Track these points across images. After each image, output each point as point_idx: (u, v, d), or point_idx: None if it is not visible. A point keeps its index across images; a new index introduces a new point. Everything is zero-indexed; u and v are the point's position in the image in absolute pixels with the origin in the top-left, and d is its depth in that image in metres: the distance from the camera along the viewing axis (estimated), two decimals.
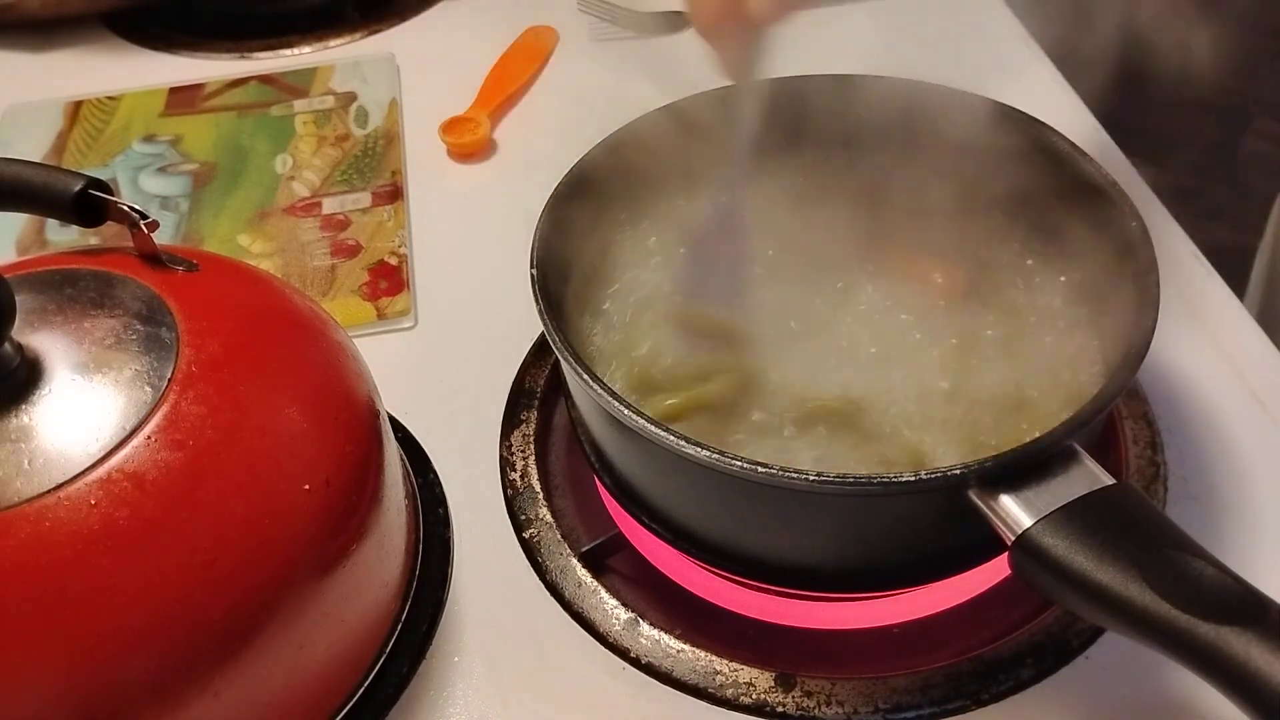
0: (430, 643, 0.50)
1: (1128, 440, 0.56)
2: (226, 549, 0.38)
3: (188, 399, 0.40)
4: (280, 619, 0.40)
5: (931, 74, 0.57)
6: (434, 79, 0.84)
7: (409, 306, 0.66)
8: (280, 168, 0.77)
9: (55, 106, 0.84)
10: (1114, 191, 0.50)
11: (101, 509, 0.37)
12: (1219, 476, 0.54)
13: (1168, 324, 0.45)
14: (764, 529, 0.46)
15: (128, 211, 0.44)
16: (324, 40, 0.89)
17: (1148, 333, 0.44)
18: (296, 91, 0.84)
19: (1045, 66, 0.79)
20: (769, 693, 0.47)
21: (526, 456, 0.57)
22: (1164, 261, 0.47)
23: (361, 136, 0.79)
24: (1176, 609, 0.35)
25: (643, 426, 0.43)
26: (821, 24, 0.86)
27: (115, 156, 0.79)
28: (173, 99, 0.84)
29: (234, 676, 0.39)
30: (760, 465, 0.41)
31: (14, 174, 0.45)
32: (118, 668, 0.37)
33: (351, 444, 0.44)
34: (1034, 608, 0.50)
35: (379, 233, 0.71)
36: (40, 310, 0.42)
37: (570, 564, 0.52)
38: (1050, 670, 0.48)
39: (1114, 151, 0.70)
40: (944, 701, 0.47)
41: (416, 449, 0.58)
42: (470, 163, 0.77)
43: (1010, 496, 0.40)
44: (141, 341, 0.41)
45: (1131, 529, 0.38)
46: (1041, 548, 0.38)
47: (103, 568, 0.36)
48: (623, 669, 0.49)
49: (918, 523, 0.44)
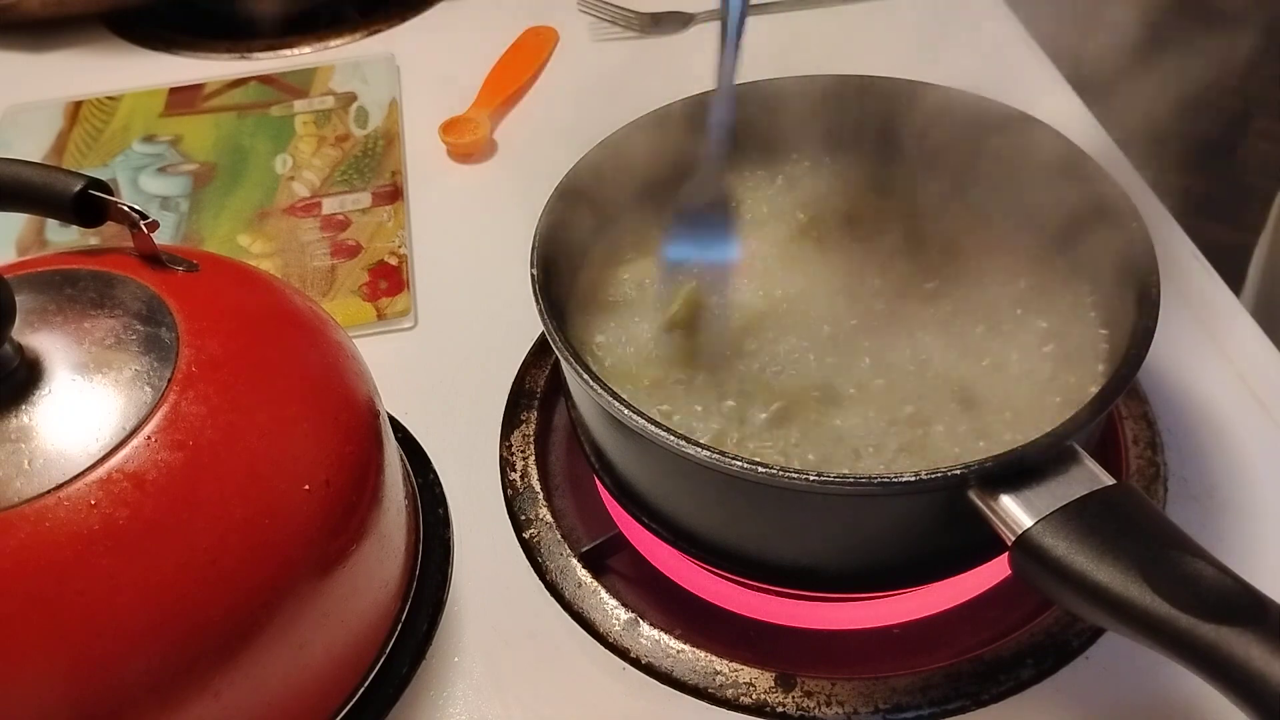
0: (430, 643, 0.50)
1: (1128, 440, 0.56)
2: (226, 549, 0.38)
3: (188, 399, 0.40)
4: (280, 619, 0.40)
5: (931, 74, 0.57)
6: (434, 79, 0.84)
7: (409, 307, 0.66)
8: (280, 168, 0.77)
9: (55, 106, 0.84)
10: (1114, 192, 0.50)
11: (101, 509, 0.37)
12: (1219, 477, 0.54)
13: (1168, 324, 0.45)
14: (764, 529, 0.46)
15: (128, 212, 0.44)
16: (324, 40, 0.89)
17: (1148, 333, 0.44)
18: (296, 92, 0.84)
19: (1045, 67, 0.79)
20: (769, 693, 0.47)
21: (526, 457, 0.57)
22: (1164, 261, 0.47)
23: (361, 137, 0.79)
24: (1177, 609, 0.35)
25: (643, 426, 0.43)
26: (821, 24, 0.86)
27: (115, 157, 0.79)
28: (173, 99, 0.84)
29: (234, 677, 0.39)
30: (760, 465, 0.41)
31: (14, 174, 0.45)
32: (118, 668, 0.37)
33: (351, 444, 0.44)
34: (1034, 608, 0.50)
35: (379, 233, 0.71)
36: (40, 310, 0.42)
37: (570, 564, 0.52)
38: (1050, 670, 0.48)
39: (1114, 152, 0.70)
40: (944, 702, 0.47)
41: (416, 449, 0.58)
42: (470, 163, 0.77)
43: (1010, 496, 0.40)
44: (141, 342, 0.41)
45: (1132, 529, 0.38)
46: (1042, 548, 0.38)
47: (103, 568, 0.36)
48: (623, 669, 0.49)
49: (917, 523, 0.44)
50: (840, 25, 0.86)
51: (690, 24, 0.87)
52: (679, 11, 0.88)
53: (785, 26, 0.85)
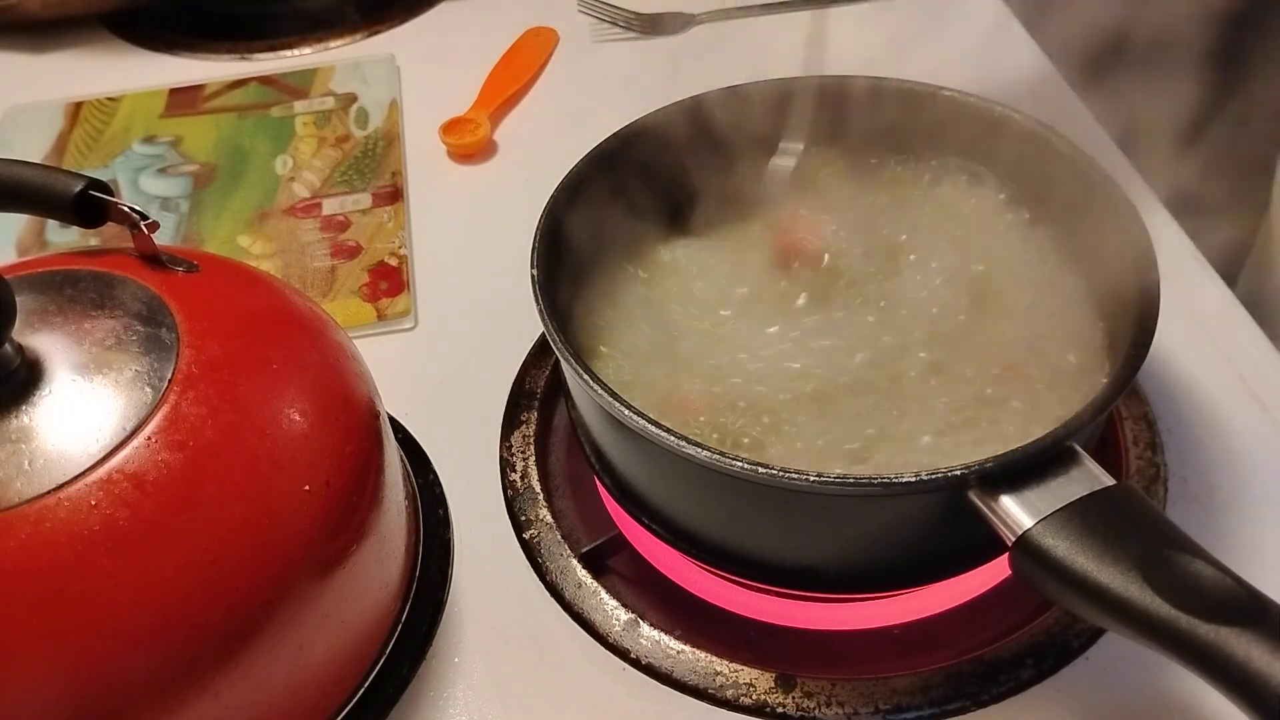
0: (430, 643, 0.50)
1: (1128, 441, 0.56)
2: (226, 550, 0.38)
3: (188, 400, 0.40)
4: (280, 620, 0.40)
5: (931, 74, 0.57)
6: (434, 80, 0.84)
7: (409, 307, 0.66)
8: (280, 169, 0.77)
9: (56, 107, 0.84)
10: (1114, 192, 0.50)
11: (102, 510, 0.37)
12: (1219, 477, 0.54)
13: (1168, 324, 0.45)
14: (764, 529, 0.46)
15: (128, 212, 0.44)
16: (324, 41, 0.89)
17: (1148, 334, 0.44)
18: (297, 92, 0.84)
19: (1045, 67, 0.79)
20: (769, 693, 0.47)
21: (527, 457, 0.57)
22: (1164, 262, 0.47)
23: (362, 137, 0.79)
24: (1177, 609, 0.35)
25: (643, 427, 0.43)
26: (821, 24, 0.86)
27: (115, 157, 0.79)
28: (173, 100, 0.84)
29: (234, 677, 0.39)
30: (760, 465, 0.41)
31: (14, 175, 0.45)
32: (118, 668, 0.37)
33: (351, 445, 0.44)
34: (1034, 609, 0.50)
35: (379, 234, 0.71)
36: (40, 311, 0.42)
37: (570, 565, 0.52)
38: (1050, 671, 0.48)
39: (1114, 152, 0.70)
40: (944, 702, 0.47)
41: (416, 449, 0.58)
42: (470, 164, 0.77)
43: (1010, 497, 0.40)
44: (142, 342, 0.41)
45: (1132, 530, 0.38)
46: (1042, 548, 0.38)
47: (103, 568, 0.36)
48: (623, 670, 0.49)
49: (918, 523, 0.44)
50: (840, 25, 0.86)
51: (690, 24, 0.87)
52: (679, 12, 0.88)
53: (787, 25, 0.85)
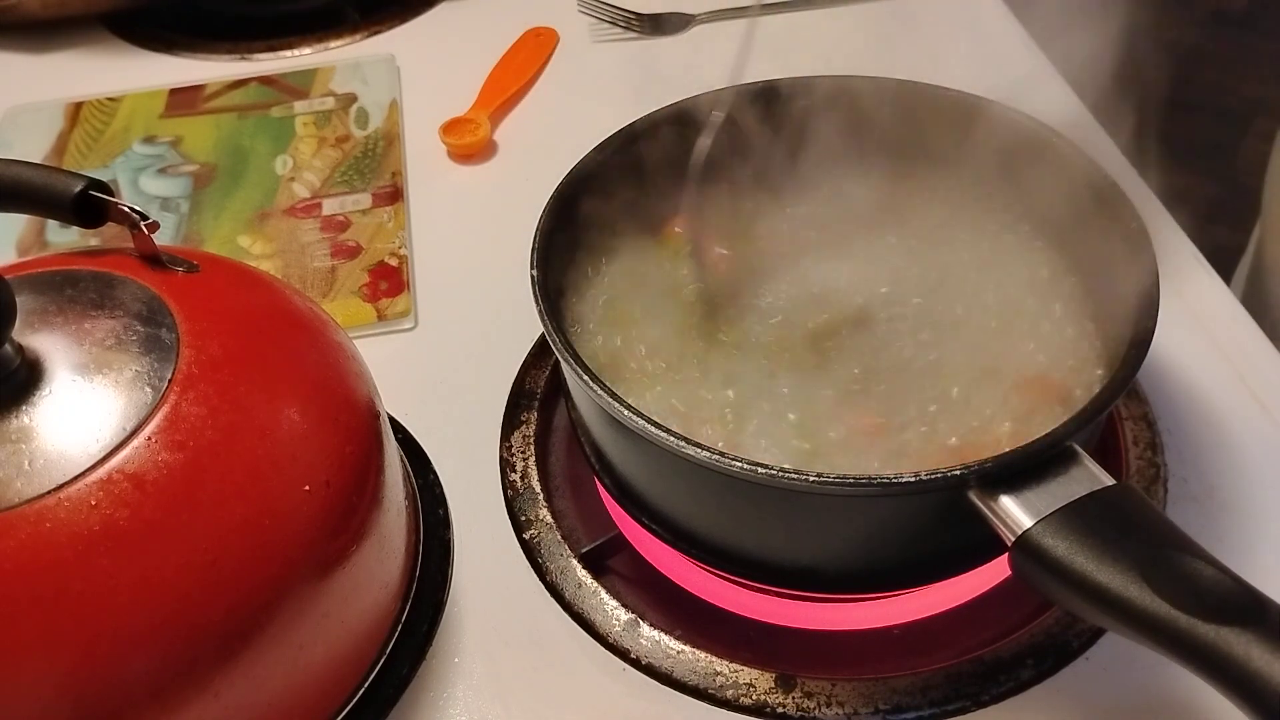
0: (430, 644, 0.50)
1: (1128, 441, 0.56)
2: (226, 550, 0.38)
3: (188, 400, 0.40)
4: (280, 620, 0.40)
5: (931, 74, 0.57)
6: (434, 80, 0.84)
7: (409, 307, 0.66)
8: (280, 169, 0.77)
9: (56, 107, 0.84)
10: (1114, 192, 0.50)
11: (102, 510, 0.37)
12: (1219, 477, 0.54)
13: (1168, 324, 0.45)
14: (764, 529, 0.46)
15: (128, 212, 0.44)
16: (324, 41, 0.89)
17: (1148, 334, 0.44)
18: (297, 93, 0.84)
19: (1045, 67, 0.79)
20: (769, 694, 0.47)
21: (527, 457, 0.57)
22: (1164, 262, 0.47)
23: (362, 138, 0.79)
24: (1177, 610, 0.35)
25: (643, 427, 0.43)
26: (821, 24, 0.86)
27: (116, 158, 0.79)
28: (173, 100, 0.84)
29: (234, 677, 0.39)
30: (760, 465, 0.41)
31: (14, 175, 0.45)
32: (118, 668, 0.37)
33: (351, 445, 0.44)
34: (1034, 609, 0.50)
35: (379, 234, 0.71)
36: (41, 311, 0.42)
37: (570, 565, 0.52)
38: (1050, 671, 0.48)
39: (1113, 152, 0.70)
40: (944, 702, 0.47)
41: (416, 449, 0.58)
42: (470, 164, 0.77)
43: (1010, 497, 0.40)
44: (142, 342, 0.41)
45: (1132, 530, 0.38)
46: (1041, 549, 0.38)
47: (103, 568, 0.36)
48: (623, 670, 0.49)
49: (917, 523, 0.44)
50: (841, 25, 0.86)
51: (690, 24, 0.87)
52: (679, 12, 0.88)
53: (784, 26, 0.85)
